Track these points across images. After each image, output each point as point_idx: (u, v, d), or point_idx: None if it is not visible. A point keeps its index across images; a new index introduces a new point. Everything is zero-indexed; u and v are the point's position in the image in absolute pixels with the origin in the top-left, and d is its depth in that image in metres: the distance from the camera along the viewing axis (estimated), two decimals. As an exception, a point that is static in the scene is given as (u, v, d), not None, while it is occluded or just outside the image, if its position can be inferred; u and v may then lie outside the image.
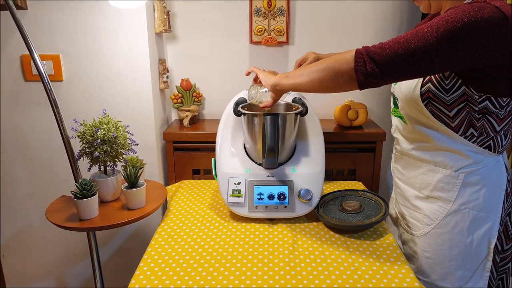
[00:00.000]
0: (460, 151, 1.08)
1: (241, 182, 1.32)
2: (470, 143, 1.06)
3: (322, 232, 1.25)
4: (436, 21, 0.92)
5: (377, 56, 0.94)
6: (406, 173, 1.23)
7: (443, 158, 1.11)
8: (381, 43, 0.96)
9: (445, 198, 1.12)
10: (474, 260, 1.13)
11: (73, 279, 1.87)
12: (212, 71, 1.87)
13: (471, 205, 1.10)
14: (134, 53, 1.55)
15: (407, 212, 1.24)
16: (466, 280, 1.14)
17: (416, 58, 0.92)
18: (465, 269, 1.13)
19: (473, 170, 1.08)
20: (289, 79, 1.13)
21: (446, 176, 1.11)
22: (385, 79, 0.97)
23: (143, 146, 1.61)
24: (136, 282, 1.01)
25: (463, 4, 0.92)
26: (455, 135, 1.06)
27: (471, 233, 1.11)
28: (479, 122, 1.04)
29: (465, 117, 1.04)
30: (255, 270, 1.05)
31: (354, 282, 1.01)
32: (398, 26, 1.83)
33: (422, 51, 0.91)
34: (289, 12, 1.77)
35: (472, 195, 1.09)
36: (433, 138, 1.10)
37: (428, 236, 1.16)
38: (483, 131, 1.05)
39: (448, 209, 1.12)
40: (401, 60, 0.93)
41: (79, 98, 1.60)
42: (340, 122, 1.76)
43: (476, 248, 1.12)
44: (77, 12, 1.50)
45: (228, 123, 1.40)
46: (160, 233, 1.24)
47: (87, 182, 1.20)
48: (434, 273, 1.16)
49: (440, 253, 1.14)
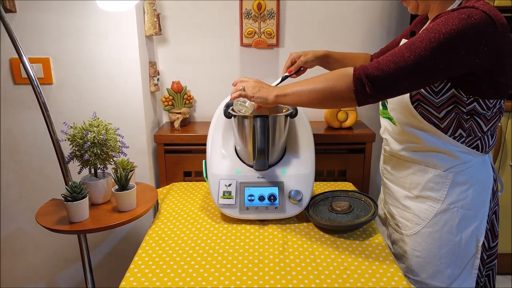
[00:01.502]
0: (449, 151, 1.10)
1: (232, 184, 1.32)
2: (459, 143, 1.08)
3: (312, 232, 1.26)
4: (427, 33, 0.94)
5: (376, 79, 0.97)
6: (395, 173, 1.25)
7: (432, 158, 1.12)
8: (378, 61, 0.98)
9: (434, 197, 1.14)
10: (463, 258, 1.15)
11: (64, 282, 1.87)
12: (203, 73, 1.87)
13: (460, 204, 1.12)
14: (125, 55, 1.56)
15: (397, 212, 1.25)
16: (455, 278, 1.15)
17: (413, 74, 0.95)
18: (454, 267, 1.15)
19: (461, 169, 1.10)
20: (287, 98, 1.12)
21: (436, 176, 1.13)
22: (384, 98, 1.02)
23: (134, 149, 1.61)
24: (127, 284, 1.01)
25: (451, 12, 0.94)
26: (444, 136, 1.08)
27: (460, 231, 1.13)
28: (467, 123, 1.06)
29: (454, 118, 1.05)
30: (245, 271, 1.06)
31: (343, 281, 1.02)
32: (387, 27, 1.85)
33: (419, 66, 0.94)
34: (279, 15, 1.78)
35: (460, 194, 1.11)
36: (423, 139, 1.12)
37: (418, 236, 1.17)
38: (471, 132, 1.07)
39: (437, 208, 1.13)
40: (399, 79, 0.96)
41: (69, 101, 1.60)
42: (330, 124, 1.78)
43: (465, 246, 1.13)
44: (66, 15, 1.50)
45: (218, 125, 1.41)
46: (151, 235, 1.24)
47: (78, 185, 1.20)
48: (424, 271, 1.17)
49: (430, 251, 1.16)
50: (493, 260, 1.21)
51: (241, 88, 1.18)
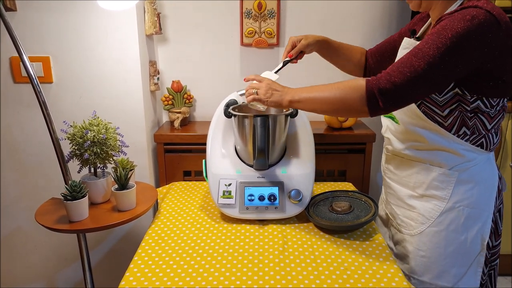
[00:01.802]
0: (454, 150, 1.09)
1: (232, 184, 1.32)
2: (463, 141, 1.08)
3: (312, 232, 1.26)
4: (433, 38, 0.94)
5: (389, 92, 0.98)
6: (398, 173, 1.24)
7: (436, 156, 1.12)
8: (388, 73, 0.98)
9: (439, 196, 1.13)
10: (468, 257, 1.14)
11: (64, 282, 1.86)
12: (203, 73, 1.87)
13: (465, 202, 1.11)
14: (125, 55, 1.55)
15: (400, 212, 1.24)
16: (460, 277, 1.15)
17: (425, 82, 0.96)
18: (459, 266, 1.14)
19: (466, 168, 1.10)
20: (300, 105, 1.13)
21: (441, 174, 1.12)
22: (396, 109, 1.03)
23: (133, 148, 1.61)
24: (126, 283, 1.01)
25: (455, 14, 0.94)
26: (448, 134, 1.08)
27: (466, 230, 1.12)
28: (471, 121, 1.05)
29: (458, 116, 1.05)
30: (245, 271, 1.05)
31: (344, 282, 1.01)
32: (388, 27, 1.85)
33: (430, 73, 0.94)
34: (280, 14, 1.78)
35: (466, 192, 1.11)
36: (426, 137, 1.11)
37: (423, 235, 1.16)
38: (475, 130, 1.07)
39: (443, 207, 1.13)
40: (412, 89, 0.97)
41: (69, 100, 1.59)
42: (330, 124, 1.77)
43: (470, 245, 1.13)
44: (67, 14, 1.49)
45: (219, 125, 1.41)
46: (151, 234, 1.24)
47: (77, 184, 1.20)
48: (429, 271, 1.17)
49: (436, 251, 1.15)
50: (495, 259, 1.21)
51: (254, 92, 1.16)
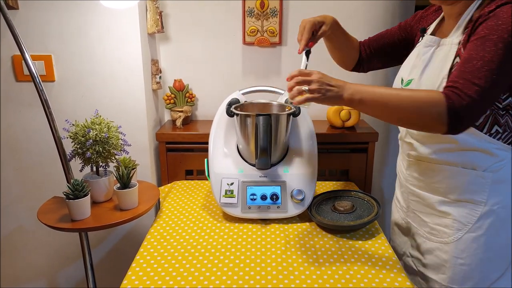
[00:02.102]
0: (486, 149, 1.04)
1: (234, 183, 1.32)
2: (495, 140, 1.04)
3: (315, 232, 1.25)
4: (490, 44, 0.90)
5: (470, 112, 0.91)
6: (425, 179, 1.17)
7: (469, 158, 1.06)
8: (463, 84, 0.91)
9: (476, 200, 1.07)
10: (506, 259, 1.10)
11: (65, 281, 1.86)
12: (205, 71, 1.87)
13: (502, 204, 1.07)
14: (127, 53, 1.55)
15: (430, 220, 1.17)
16: (496, 280, 1.11)
17: (498, 86, 0.92)
18: (498, 270, 1.10)
19: (500, 167, 1.06)
20: (361, 106, 1.00)
21: (475, 177, 1.07)
22: (473, 124, 1.00)
23: (135, 147, 1.61)
24: (128, 282, 1.01)
25: (496, 14, 0.92)
26: (479, 133, 1.03)
27: (505, 232, 1.08)
28: (503, 118, 1.02)
29: (489, 115, 1.01)
30: (247, 270, 1.05)
31: (346, 282, 1.01)
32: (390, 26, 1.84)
33: (504, 68, 0.90)
34: (282, 13, 1.77)
35: (502, 193, 1.07)
36: (457, 139, 1.04)
37: (460, 242, 1.09)
38: (507, 127, 1.03)
39: (480, 211, 1.07)
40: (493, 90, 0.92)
41: (71, 99, 1.59)
42: (332, 123, 1.77)
43: (508, 247, 1.09)
44: (69, 12, 1.49)
45: (221, 124, 1.40)
46: (153, 233, 1.24)
47: (79, 183, 1.20)
48: (470, 279, 1.10)
49: (476, 257, 1.08)
50: None
51: (305, 89, 0.97)
